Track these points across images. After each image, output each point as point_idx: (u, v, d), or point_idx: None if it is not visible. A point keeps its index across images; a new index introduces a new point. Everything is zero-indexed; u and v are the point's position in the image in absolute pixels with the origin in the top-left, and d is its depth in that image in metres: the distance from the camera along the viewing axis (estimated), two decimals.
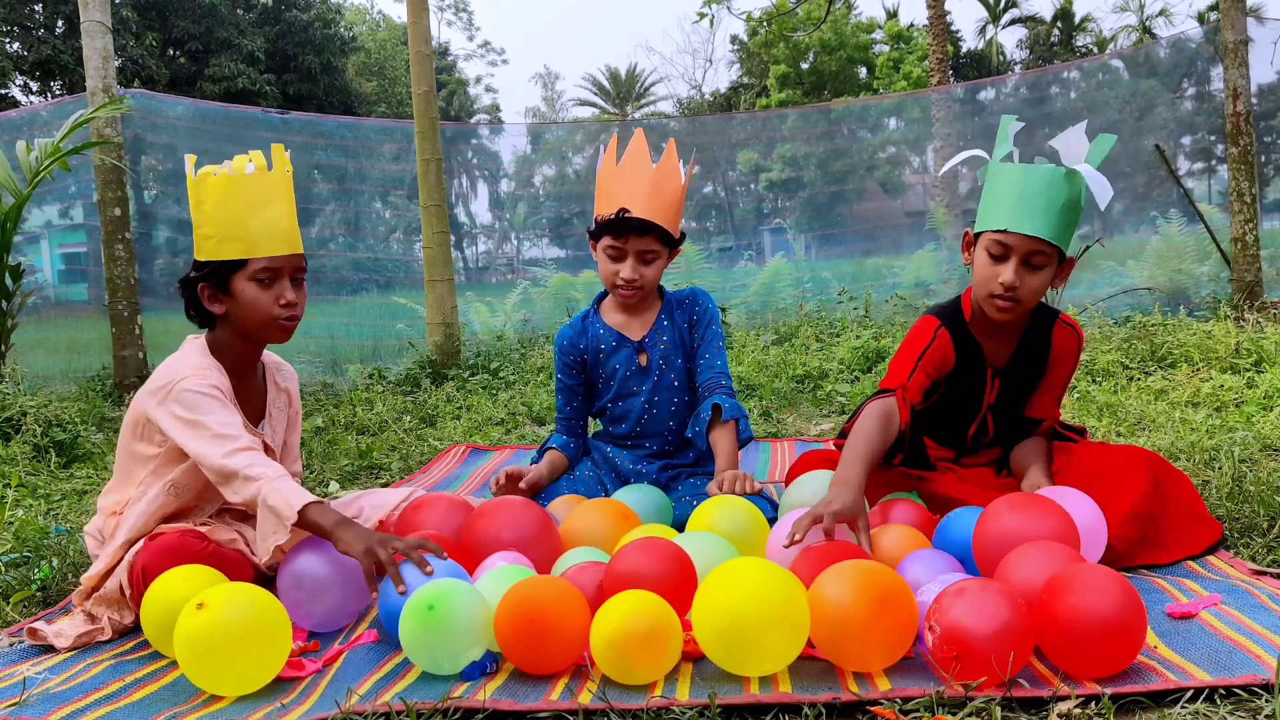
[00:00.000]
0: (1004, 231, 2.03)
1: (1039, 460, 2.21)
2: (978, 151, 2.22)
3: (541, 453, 2.64)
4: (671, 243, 2.46)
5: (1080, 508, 1.87)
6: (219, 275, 2.00)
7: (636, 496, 2.26)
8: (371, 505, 2.37)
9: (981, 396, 2.26)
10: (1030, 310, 2.15)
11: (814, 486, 2.10)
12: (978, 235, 2.12)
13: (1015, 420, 2.31)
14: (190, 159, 2.04)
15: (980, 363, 2.23)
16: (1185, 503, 2.06)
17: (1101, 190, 1.97)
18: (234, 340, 2.07)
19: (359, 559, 1.77)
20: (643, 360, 2.56)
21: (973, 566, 1.81)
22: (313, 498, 1.84)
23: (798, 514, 1.88)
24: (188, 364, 2.00)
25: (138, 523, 1.99)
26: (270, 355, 2.26)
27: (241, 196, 1.98)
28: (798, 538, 1.79)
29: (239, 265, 1.99)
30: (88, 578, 1.98)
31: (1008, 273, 2.03)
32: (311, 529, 1.84)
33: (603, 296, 2.66)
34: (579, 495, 2.40)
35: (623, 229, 2.39)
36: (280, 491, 1.83)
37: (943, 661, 1.44)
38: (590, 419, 2.75)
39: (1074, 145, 2.04)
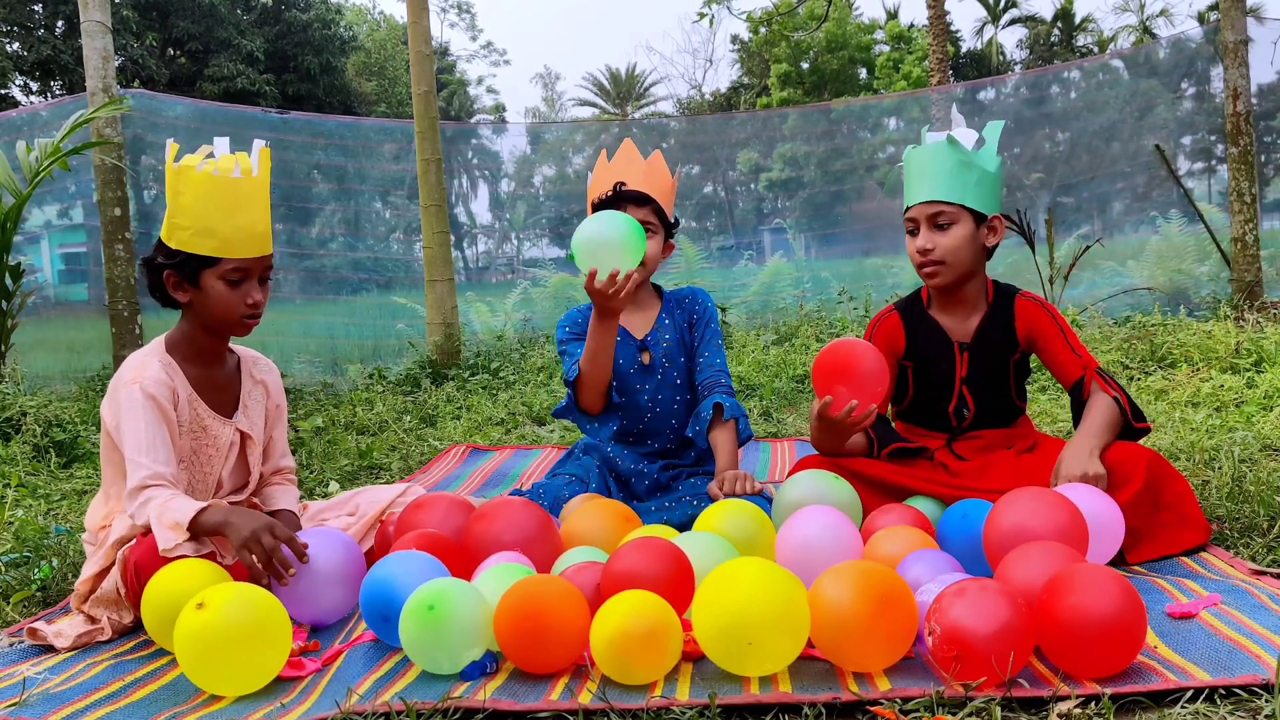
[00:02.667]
0: (907, 209, 2.29)
1: (1086, 421, 2.15)
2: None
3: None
4: (667, 226, 2.51)
5: (1098, 506, 1.87)
6: (188, 267, 2.02)
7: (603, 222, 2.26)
8: (367, 501, 2.37)
9: (953, 371, 2.34)
10: (966, 273, 2.28)
11: (807, 486, 2.10)
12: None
13: (995, 399, 2.35)
14: (172, 147, 2.03)
15: (944, 339, 2.35)
16: (1178, 504, 2.06)
17: (966, 138, 2.24)
18: (197, 330, 2.10)
19: (240, 555, 1.81)
20: (645, 359, 2.56)
21: (970, 562, 1.81)
22: (200, 506, 1.87)
23: (805, 513, 1.90)
24: (133, 365, 2.03)
25: (126, 532, 1.99)
26: (246, 350, 2.27)
27: (223, 198, 1.99)
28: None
29: (210, 262, 2.01)
30: (81, 581, 1.98)
31: (920, 239, 2.26)
32: (207, 533, 1.88)
33: None
34: (594, 494, 2.39)
35: (620, 201, 2.45)
36: (171, 510, 1.87)
37: (943, 661, 1.44)
38: None
39: (956, 122, 2.30)
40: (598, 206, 2.48)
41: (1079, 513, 1.77)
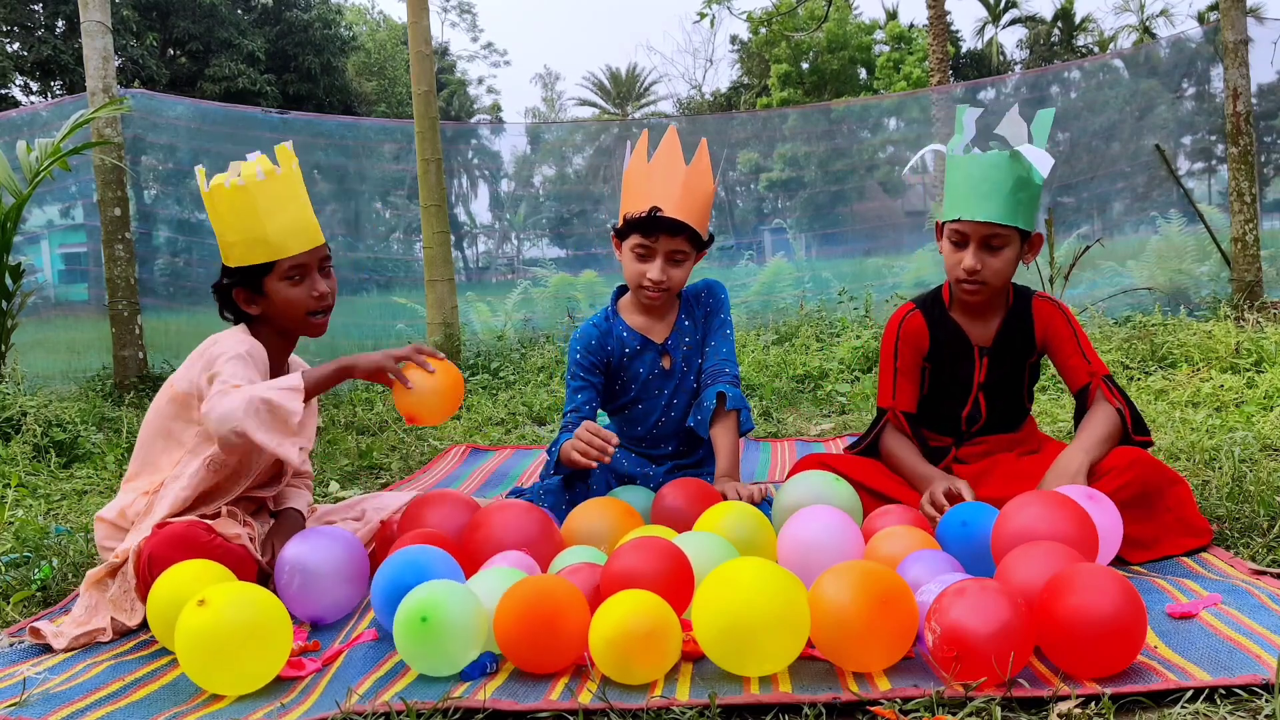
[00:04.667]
0: (960, 220, 2.18)
1: (1083, 433, 2.15)
2: (938, 147, 2.36)
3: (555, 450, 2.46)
4: (700, 245, 2.42)
5: (1097, 510, 1.86)
6: (251, 279, 2.07)
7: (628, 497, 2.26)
8: (373, 508, 2.38)
9: (971, 376, 2.31)
10: (1002, 289, 2.24)
11: (806, 487, 2.11)
12: (944, 225, 2.25)
13: (1008, 404, 2.34)
14: (200, 172, 2.07)
15: (964, 343, 2.30)
16: (1178, 508, 2.05)
17: (1042, 163, 2.09)
18: (270, 336, 2.14)
19: (374, 378, 2.00)
20: (666, 364, 2.52)
21: (969, 566, 1.81)
22: (300, 382, 1.94)
23: (806, 513, 1.90)
24: (228, 337, 2.08)
25: (178, 498, 2.01)
26: (296, 358, 2.30)
27: (256, 203, 2.03)
28: (936, 517, 2.03)
29: (268, 268, 2.06)
30: (120, 551, 1.97)
31: (969, 258, 2.17)
32: (322, 385, 1.98)
33: (619, 294, 2.59)
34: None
35: (653, 228, 2.34)
36: (270, 385, 1.91)
37: (943, 661, 1.44)
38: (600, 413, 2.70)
39: (1014, 128, 2.17)
40: (631, 223, 2.36)
41: (1089, 518, 1.77)
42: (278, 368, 2.18)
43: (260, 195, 2.03)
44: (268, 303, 2.09)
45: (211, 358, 2.01)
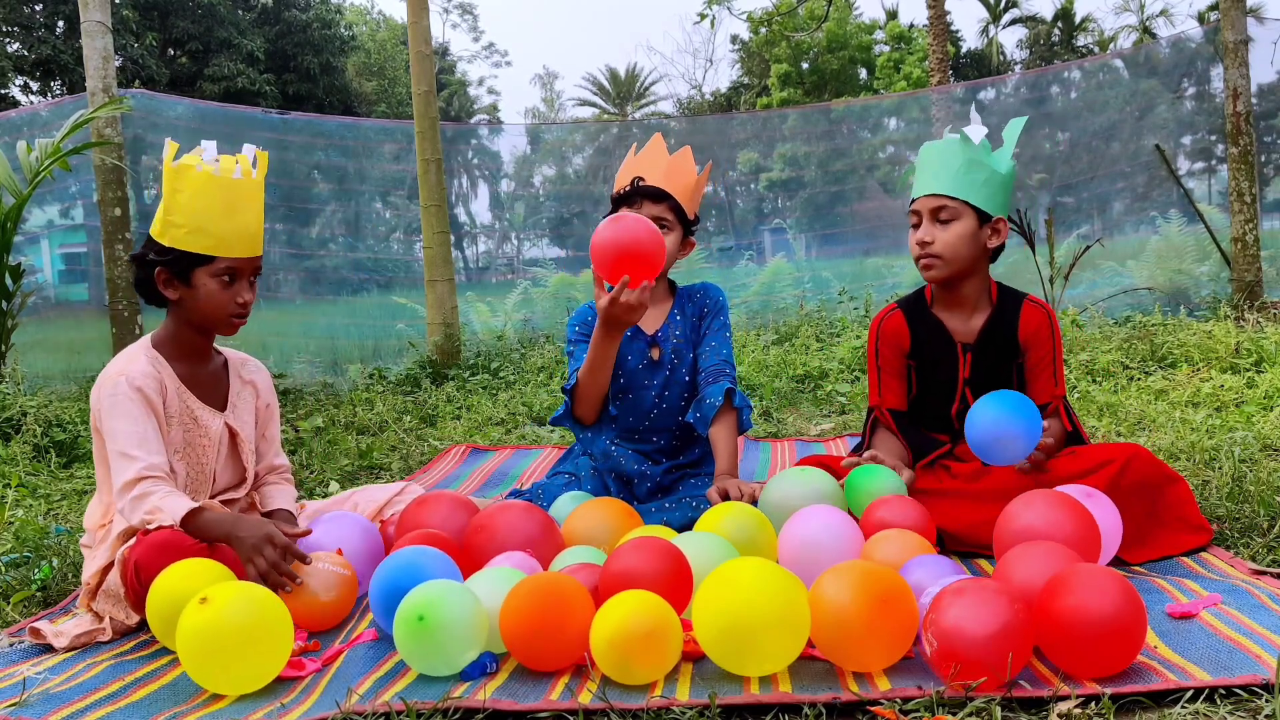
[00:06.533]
0: (912, 202, 2.30)
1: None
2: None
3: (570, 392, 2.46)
4: (685, 223, 2.49)
5: (1096, 508, 1.87)
6: (181, 264, 2.04)
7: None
8: (365, 500, 2.38)
9: (956, 372, 2.33)
10: (963, 269, 2.27)
11: (788, 485, 2.11)
12: None
13: None
14: (171, 145, 2.05)
15: (947, 339, 2.34)
16: (1178, 506, 2.05)
17: (974, 132, 2.25)
18: (183, 328, 2.11)
19: (245, 567, 1.84)
20: (655, 354, 2.54)
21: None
22: (193, 505, 1.88)
23: (806, 513, 1.91)
24: (119, 363, 2.05)
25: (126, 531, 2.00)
26: (234, 352, 2.29)
27: (220, 197, 2.02)
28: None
29: (203, 260, 2.03)
30: (90, 576, 1.98)
31: (920, 232, 2.26)
32: (201, 537, 1.89)
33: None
34: (585, 493, 2.39)
35: (636, 195, 2.44)
36: (165, 510, 1.89)
37: (943, 672, 1.44)
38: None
39: (974, 120, 2.31)
40: (616, 201, 2.48)
41: (1092, 517, 1.77)
42: (196, 360, 2.15)
43: (229, 191, 2.03)
44: (190, 293, 2.05)
45: (101, 395, 2.00)
